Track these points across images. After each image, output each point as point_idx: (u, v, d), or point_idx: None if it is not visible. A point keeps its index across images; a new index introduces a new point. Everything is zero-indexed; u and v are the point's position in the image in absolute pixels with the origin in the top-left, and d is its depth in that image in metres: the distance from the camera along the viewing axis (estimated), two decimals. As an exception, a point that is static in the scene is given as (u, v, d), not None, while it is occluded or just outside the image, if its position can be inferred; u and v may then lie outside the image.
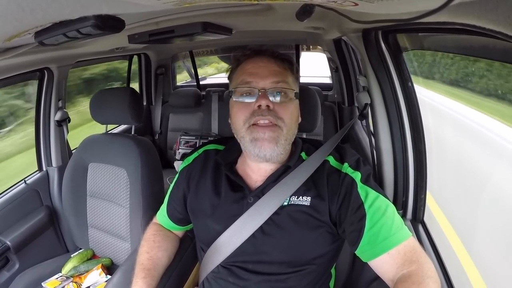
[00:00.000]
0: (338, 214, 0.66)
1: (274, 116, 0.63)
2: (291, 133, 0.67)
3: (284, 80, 0.66)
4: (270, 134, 0.63)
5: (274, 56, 0.69)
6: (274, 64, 0.68)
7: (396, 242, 0.60)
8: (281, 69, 0.67)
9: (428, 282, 0.55)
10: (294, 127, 0.68)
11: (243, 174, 0.73)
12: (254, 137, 0.64)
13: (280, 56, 0.70)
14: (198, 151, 0.81)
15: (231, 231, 0.68)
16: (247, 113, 0.64)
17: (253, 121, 0.64)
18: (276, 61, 0.68)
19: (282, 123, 0.64)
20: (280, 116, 0.64)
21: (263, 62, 0.68)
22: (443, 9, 0.37)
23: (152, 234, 0.83)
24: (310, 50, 3.75)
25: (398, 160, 0.91)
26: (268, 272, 0.68)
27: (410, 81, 0.86)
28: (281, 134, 0.64)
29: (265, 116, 0.63)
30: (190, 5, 0.64)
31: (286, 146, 0.67)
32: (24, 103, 2.90)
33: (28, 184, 1.31)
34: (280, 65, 0.68)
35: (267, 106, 0.63)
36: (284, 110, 0.65)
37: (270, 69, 0.66)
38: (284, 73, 0.67)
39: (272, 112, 0.63)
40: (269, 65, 0.67)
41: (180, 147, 2.02)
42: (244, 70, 0.68)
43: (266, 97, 0.63)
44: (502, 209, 1.90)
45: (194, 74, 2.73)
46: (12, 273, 1.17)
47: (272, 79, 0.65)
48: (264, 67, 0.67)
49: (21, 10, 0.35)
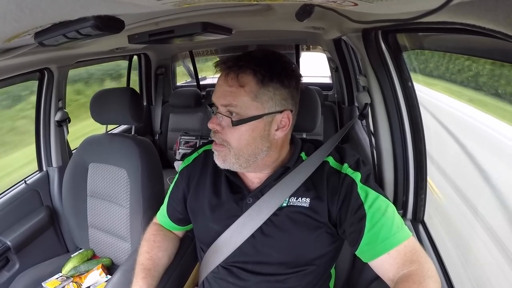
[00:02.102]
0: (338, 215, 0.65)
1: (220, 138, 0.65)
2: (243, 152, 0.64)
3: (231, 104, 0.62)
4: (217, 153, 0.67)
5: (229, 68, 0.63)
6: (228, 82, 0.62)
7: (397, 242, 0.60)
8: (233, 89, 0.62)
9: (429, 282, 0.55)
10: (247, 147, 0.64)
11: (242, 175, 0.73)
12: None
13: (240, 66, 0.62)
14: (198, 151, 0.81)
15: (231, 231, 0.68)
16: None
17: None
18: (229, 75, 0.62)
19: (229, 146, 0.64)
20: (226, 139, 0.64)
21: (221, 78, 0.64)
22: (443, 8, 0.37)
23: (153, 234, 0.83)
24: (310, 50, 3.75)
25: (398, 160, 0.91)
26: (267, 273, 0.68)
27: (410, 81, 0.86)
28: (229, 154, 0.65)
29: (214, 137, 0.66)
30: (190, 5, 0.64)
31: (247, 161, 0.65)
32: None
33: (28, 184, 1.32)
34: (233, 81, 0.62)
35: (216, 130, 0.65)
36: (230, 133, 0.64)
37: (223, 89, 0.63)
38: (236, 94, 0.61)
39: (219, 135, 0.65)
40: (224, 83, 0.63)
41: (180, 147, 2.03)
42: (216, 83, 0.67)
43: (214, 121, 0.65)
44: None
45: (194, 74, 2.73)
46: (13, 273, 1.17)
47: (221, 102, 0.63)
48: (219, 85, 0.64)
49: (21, 11, 0.35)
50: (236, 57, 0.64)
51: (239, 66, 0.62)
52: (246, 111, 0.62)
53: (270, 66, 0.63)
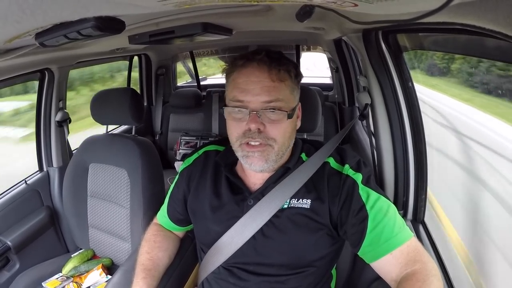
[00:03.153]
0: (339, 216, 0.65)
1: (264, 137, 0.62)
2: (284, 147, 0.66)
3: (278, 98, 0.62)
4: (259, 154, 0.63)
5: (268, 63, 0.62)
6: (267, 76, 0.61)
7: (399, 243, 0.60)
8: (275, 83, 0.62)
9: (433, 280, 0.55)
10: (288, 140, 0.67)
11: (242, 176, 0.73)
12: (245, 154, 0.65)
13: (276, 62, 0.63)
14: (198, 152, 0.81)
15: (232, 232, 0.68)
16: (239, 130, 0.64)
17: (244, 141, 0.64)
18: (271, 71, 0.62)
19: (274, 142, 0.63)
20: (271, 136, 0.63)
21: (255, 74, 0.62)
22: (443, 9, 0.37)
23: (153, 235, 0.83)
24: (310, 50, 3.75)
25: (398, 160, 0.91)
26: (268, 274, 0.68)
27: (411, 81, 0.86)
28: (272, 152, 0.64)
29: (255, 138, 0.62)
30: (190, 6, 0.64)
31: (280, 158, 0.66)
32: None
33: (29, 184, 1.32)
34: (275, 76, 0.62)
35: (258, 129, 0.62)
36: (276, 129, 0.63)
37: (262, 85, 0.61)
38: (278, 88, 0.62)
39: (263, 134, 0.62)
40: (262, 79, 0.61)
41: (180, 148, 2.02)
42: (236, 83, 0.64)
43: (256, 120, 0.61)
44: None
45: (194, 74, 2.74)
46: (13, 273, 1.17)
47: (264, 98, 0.61)
48: (257, 83, 0.61)
49: (22, 11, 0.35)
50: (266, 53, 0.64)
51: (277, 61, 0.63)
52: (289, 104, 0.64)
53: (293, 62, 0.68)
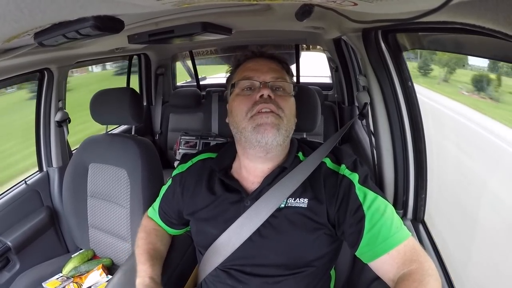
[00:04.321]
0: (336, 216, 0.65)
1: (276, 105, 0.66)
2: (290, 126, 0.68)
3: (283, 77, 0.71)
4: (272, 119, 0.65)
5: (272, 57, 0.75)
6: (273, 62, 0.73)
7: (396, 243, 0.60)
8: (279, 68, 0.73)
9: (429, 280, 0.55)
10: (293, 122, 0.70)
11: (239, 178, 0.73)
12: (257, 123, 0.65)
13: (278, 57, 0.76)
14: (192, 160, 0.81)
15: (230, 233, 0.68)
16: (249, 104, 0.66)
17: (256, 110, 0.65)
18: (275, 61, 0.74)
19: (283, 113, 0.66)
20: (281, 106, 0.66)
21: (264, 61, 0.73)
22: (443, 8, 0.37)
23: (153, 228, 0.85)
24: (310, 49, 3.75)
25: (398, 160, 0.91)
26: (266, 275, 0.68)
27: (410, 81, 0.86)
28: (282, 123, 0.66)
29: (268, 104, 0.65)
30: (190, 5, 0.64)
31: (285, 139, 0.68)
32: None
33: (29, 184, 1.32)
34: (278, 65, 0.74)
35: (269, 96, 0.65)
36: (285, 102, 0.68)
37: (270, 66, 0.71)
38: (282, 72, 0.73)
39: (274, 101, 0.66)
40: (269, 63, 0.72)
41: (180, 147, 2.02)
42: (245, 67, 0.72)
43: (267, 87, 0.66)
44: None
45: (194, 74, 2.73)
46: (13, 274, 1.17)
47: (272, 74, 0.69)
48: (264, 65, 0.71)
49: (20, 11, 0.35)
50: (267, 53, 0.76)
51: (279, 59, 0.75)
52: (290, 88, 0.71)
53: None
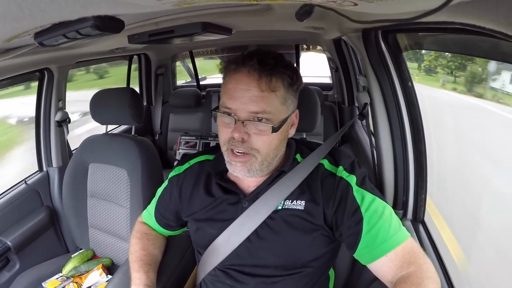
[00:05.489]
0: (334, 218, 0.65)
1: (248, 147, 0.61)
2: (269, 157, 0.64)
3: (265, 110, 0.59)
4: (241, 164, 0.63)
5: (259, 71, 0.59)
6: (257, 85, 0.58)
7: (395, 245, 0.60)
8: (264, 93, 0.59)
9: (427, 282, 0.55)
10: (274, 151, 0.64)
11: (236, 180, 0.72)
12: (228, 160, 0.64)
13: (269, 70, 0.59)
14: (189, 162, 0.80)
15: (229, 232, 0.68)
16: (226, 135, 0.63)
17: (230, 147, 0.63)
18: (261, 80, 0.58)
19: (257, 153, 0.62)
20: (255, 147, 0.62)
21: (244, 81, 0.59)
22: (443, 8, 0.37)
23: (145, 233, 0.83)
24: (310, 50, 3.75)
25: (398, 160, 0.91)
26: (264, 275, 0.68)
27: (410, 81, 0.86)
28: (255, 162, 0.63)
29: (238, 147, 0.62)
30: (190, 5, 0.64)
31: (266, 168, 0.65)
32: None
33: (29, 184, 1.32)
34: (265, 86, 0.58)
35: (242, 138, 0.61)
36: (261, 141, 0.61)
37: (251, 94, 0.59)
38: (267, 99, 0.59)
39: (246, 144, 0.61)
40: (251, 87, 0.58)
41: (180, 147, 2.02)
42: (226, 89, 0.62)
43: (240, 130, 0.60)
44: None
45: (194, 74, 2.73)
46: (13, 273, 1.17)
47: (251, 108, 0.59)
48: (245, 91, 0.59)
49: (20, 11, 0.35)
50: (259, 58, 0.59)
51: (270, 69, 0.59)
52: (277, 116, 0.61)
53: (292, 68, 0.63)
